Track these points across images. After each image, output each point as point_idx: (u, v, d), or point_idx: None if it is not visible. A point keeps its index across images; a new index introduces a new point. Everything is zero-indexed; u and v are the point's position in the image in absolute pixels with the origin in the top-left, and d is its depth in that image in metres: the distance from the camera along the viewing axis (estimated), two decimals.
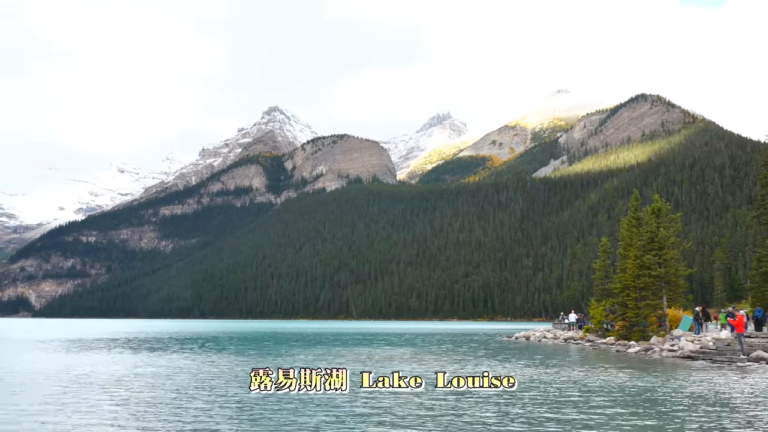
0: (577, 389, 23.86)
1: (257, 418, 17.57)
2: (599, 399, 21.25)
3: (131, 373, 29.27)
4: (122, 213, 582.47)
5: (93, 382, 25.68)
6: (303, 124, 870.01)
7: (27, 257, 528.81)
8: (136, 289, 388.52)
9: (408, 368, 32.39)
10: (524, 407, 19.32)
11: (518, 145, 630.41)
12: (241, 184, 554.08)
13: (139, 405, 19.70)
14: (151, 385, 24.69)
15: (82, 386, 24.21)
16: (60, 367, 32.18)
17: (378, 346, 54.84)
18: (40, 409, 18.67)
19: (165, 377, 27.45)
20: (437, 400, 20.63)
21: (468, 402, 20.35)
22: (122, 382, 25.77)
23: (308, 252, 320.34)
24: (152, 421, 17.07)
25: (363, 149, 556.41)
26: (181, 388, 23.78)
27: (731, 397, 21.31)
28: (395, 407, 19.41)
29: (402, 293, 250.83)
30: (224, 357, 40.11)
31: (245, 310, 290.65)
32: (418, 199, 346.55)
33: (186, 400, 20.64)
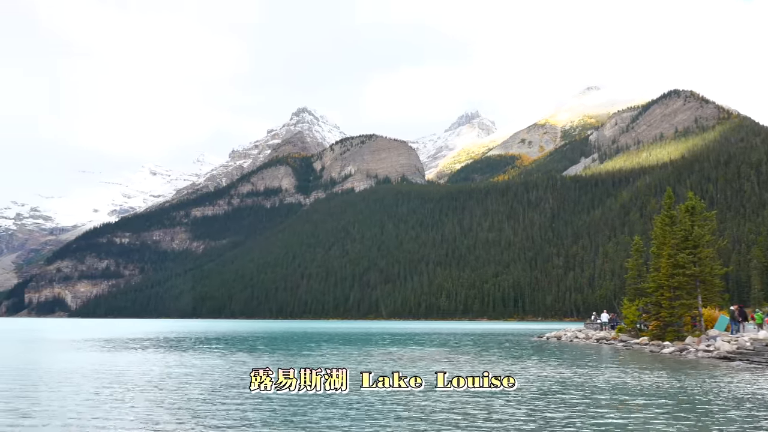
0: (611, 390, 23.51)
1: (289, 416, 17.63)
2: (634, 400, 20.91)
3: (164, 373, 29.64)
4: (154, 214, 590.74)
5: (127, 381, 26.05)
6: (331, 124, 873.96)
7: (63, 258, 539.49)
8: (168, 289, 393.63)
9: (438, 369, 32.25)
10: (558, 408, 19.08)
11: (548, 143, 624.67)
12: (271, 185, 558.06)
13: (172, 404, 19.92)
14: (184, 384, 24.95)
15: (117, 385, 24.56)
16: (95, 367, 32.72)
17: (408, 346, 54.74)
18: (76, 408, 18.99)
19: (197, 377, 27.74)
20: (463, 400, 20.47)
21: (500, 402, 20.18)
22: (155, 381, 26.10)
23: (337, 252, 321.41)
24: (186, 419, 17.24)
25: (391, 149, 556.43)
26: (212, 387, 24.00)
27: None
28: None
29: (431, 293, 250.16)
30: (254, 356, 40.39)
31: (275, 310, 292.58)
32: (447, 198, 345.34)
33: (218, 399, 20.81)
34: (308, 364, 33.58)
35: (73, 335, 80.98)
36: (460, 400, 20.51)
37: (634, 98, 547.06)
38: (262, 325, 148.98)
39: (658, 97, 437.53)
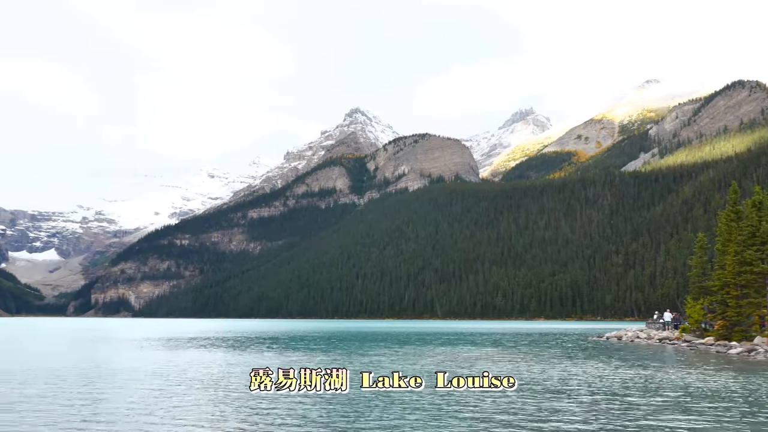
0: (677, 392, 22.86)
1: (350, 414, 17.74)
2: (701, 403, 20.28)
3: (225, 372, 30.25)
4: (213, 217, 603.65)
5: (190, 378, 26.69)
6: (384, 124, 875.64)
7: (126, 260, 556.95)
8: (227, 289, 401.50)
9: (495, 369, 31.99)
10: (622, 411, 18.65)
11: (605, 138, 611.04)
12: (325, 185, 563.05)
13: (234, 402, 20.29)
14: (245, 382, 25.38)
15: (179, 383, 25.19)
16: (159, 365, 33.66)
17: (464, 346, 54.44)
18: (140, 405, 19.56)
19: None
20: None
21: (551, 403, 19.84)
22: (216, 379, 26.66)
23: (392, 252, 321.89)
24: (250, 415, 17.53)
25: (445, 148, 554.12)
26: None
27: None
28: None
29: (487, 292, 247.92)
30: (310, 356, 40.83)
31: (331, 309, 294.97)
32: (502, 196, 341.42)
33: (277, 396, 21.08)
34: (364, 364, 33.76)
35: (138, 334, 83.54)
36: (540, 403, 20.20)
37: (695, 90, 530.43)
38: (318, 325, 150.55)
39: (722, 89, 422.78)
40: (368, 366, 32.70)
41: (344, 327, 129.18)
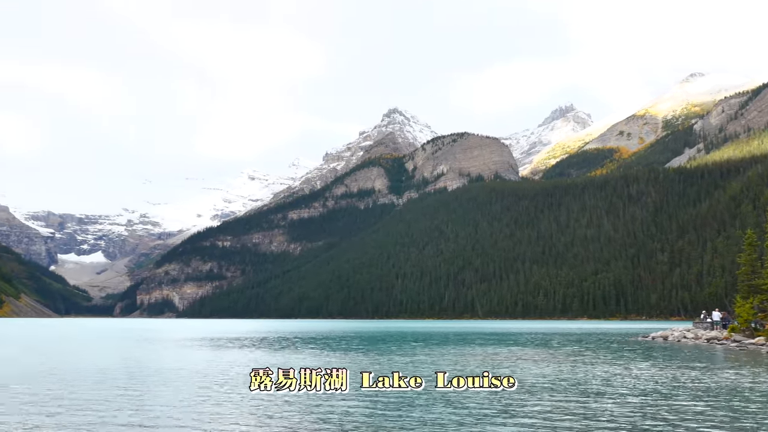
0: (726, 394, 22.19)
1: (395, 413, 17.63)
2: (750, 406, 19.64)
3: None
4: (254, 218, 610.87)
5: (233, 377, 26.95)
6: (422, 124, 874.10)
7: (170, 262, 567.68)
8: (268, 290, 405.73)
9: (537, 370, 31.55)
10: (667, 413, 18.17)
11: (648, 134, 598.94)
12: (364, 186, 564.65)
13: (276, 401, 20.38)
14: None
15: (222, 382, 25.46)
16: (203, 364, 34.11)
17: (506, 346, 53.91)
18: (184, 403, 19.81)
19: None
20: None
21: (596, 404, 19.42)
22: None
23: (432, 251, 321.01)
24: (293, 414, 17.56)
25: (483, 146, 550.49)
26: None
27: None
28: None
29: (528, 292, 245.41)
30: (353, 356, 40.88)
31: (371, 309, 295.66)
32: (542, 195, 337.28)
33: (317, 396, 21.10)
34: (406, 364, 33.66)
35: (182, 335, 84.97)
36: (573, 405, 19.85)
37: (742, 83, 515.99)
38: (359, 325, 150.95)
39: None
40: (408, 367, 32.60)
41: (384, 327, 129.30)
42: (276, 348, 51.25)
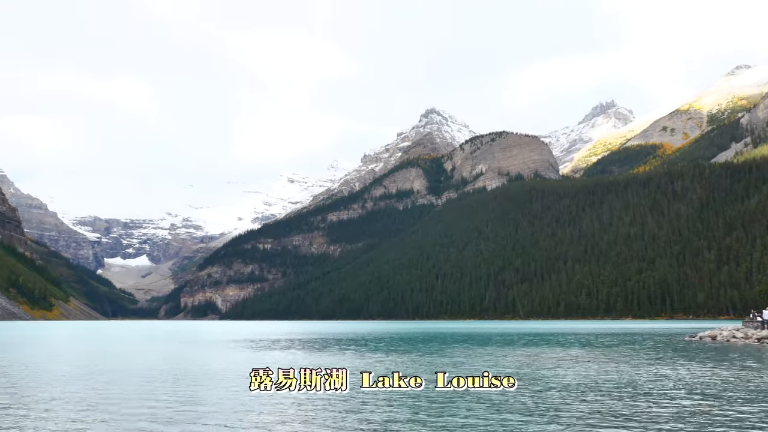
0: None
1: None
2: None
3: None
4: (293, 221, 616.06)
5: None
6: (460, 124, 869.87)
7: (213, 265, 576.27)
8: (309, 292, 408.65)
9: (582, 371, 30.93)
10: (718, 414, 17.51)
11: (692, 129, 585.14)
12: (403, 187, 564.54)
13: (319, 400, 20.29)
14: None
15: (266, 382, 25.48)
16: (246, 365, 34.24)
17: (550, 346, 53.09)
18: (228, 403, 19.86)
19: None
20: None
21: (644, 406, 18.83)
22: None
23: (471, 252, 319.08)
24: (331, 414, 17.44)
25: (522, 145, 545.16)
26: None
27: None
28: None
29: (570, 291, 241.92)
30: (394, 357, 40.71)
31: (411, 310, 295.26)
32: (584, 193, 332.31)
33: (361, 396, 20.95)
34: (446, 365, 33.34)
35: (225, 336, 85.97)
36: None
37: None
38: (399, 327, 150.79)
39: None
40: (451, 368, 32.26)
41: (425, 328, 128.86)
42: (317, 349, 51.38)
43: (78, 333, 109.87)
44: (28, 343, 70.18)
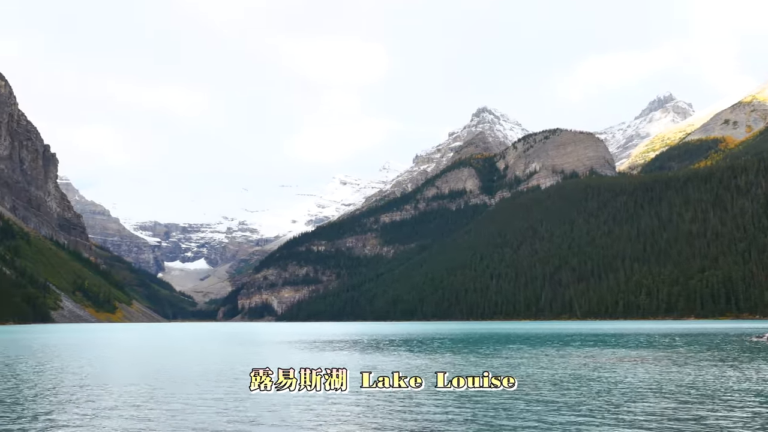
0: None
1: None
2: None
3: (368, 367, 30.36)
4: (346, 222, 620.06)
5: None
6: (513, 122, 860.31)
7: (268, 267, 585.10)
8: (363, 293, 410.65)
9: (642, 372, 30.05)
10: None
11: (756, 122, 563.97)
12: (455, 187, 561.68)
13: (377, 398, 20.25)
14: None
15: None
16: (302, 364, 34.53)
17: (608, 347, 51.89)
18: (282, 402, 20.00)
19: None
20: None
21: (711, 408, 18.09)
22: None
23: (526, 251, 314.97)
24: (393, 412, 17.37)
25: (577, 142, 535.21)
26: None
27: None
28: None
29: (629, 291, 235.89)
30: (449, 358, 40.44)
31: (466, 311, 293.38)
32: (642, 189, 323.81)
33: (419, 396, 20.81)
34: (501, 365, 32.89)
35: (280, 337, 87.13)
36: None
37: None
38: (454, 327, 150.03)
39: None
40: (506, 369, 31.81)
41: (480, 329, 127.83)
42: (367, 350, 51.45)
43: (147, 334, 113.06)
44: (101, 344, 72.57)
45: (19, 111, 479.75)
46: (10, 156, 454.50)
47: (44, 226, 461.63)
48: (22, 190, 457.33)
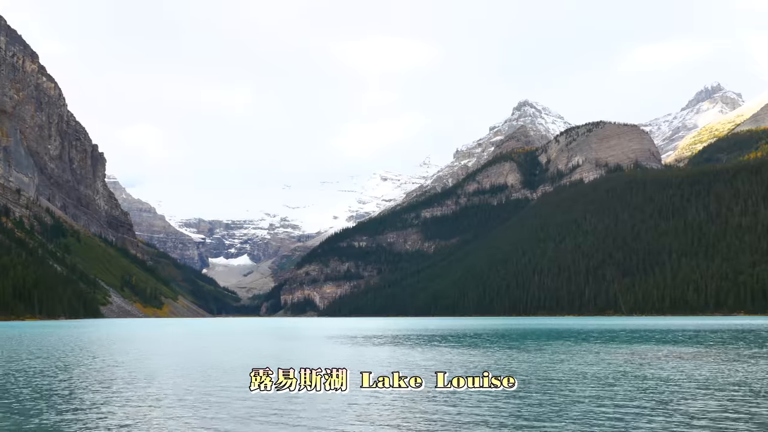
0: None
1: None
2: None
3: (413, 363, 30.55)
4: (387, 218, 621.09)
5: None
6: (555, 115, 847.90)
7: (310, 263, 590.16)
8: (404, 288, 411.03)
9: (690, 367, 29.45)
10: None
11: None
12: (496, 182, 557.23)
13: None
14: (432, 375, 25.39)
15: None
16: (349, 359, 34.87)
17: (654, 344, 50.98)
18: (321, 399, 20.24)
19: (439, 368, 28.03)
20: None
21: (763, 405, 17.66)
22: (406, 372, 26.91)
23: (569, 246, 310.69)
24: (436, 408, 17.42)
25: (621, 135, 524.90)
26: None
27: None
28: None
29: (676, 286, 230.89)
30: (487, 352, 40.27)
31: (508, 307, 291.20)
32: (689, 182, 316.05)
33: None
34: (541, 362, 32.64)
35: (325, 332, 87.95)
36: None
37: None
38: (496, 323, 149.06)
39: None
40: (548, 364, 31.55)
41: (522, 324, 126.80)
42: (406, 345, 51.52)
43: (197, 329, 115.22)
44: (148, 339, 74.33)
45: (68, 112, 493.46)
46: (60, 156, 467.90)
47: (93, 223, 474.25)
48: (72, 189, 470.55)
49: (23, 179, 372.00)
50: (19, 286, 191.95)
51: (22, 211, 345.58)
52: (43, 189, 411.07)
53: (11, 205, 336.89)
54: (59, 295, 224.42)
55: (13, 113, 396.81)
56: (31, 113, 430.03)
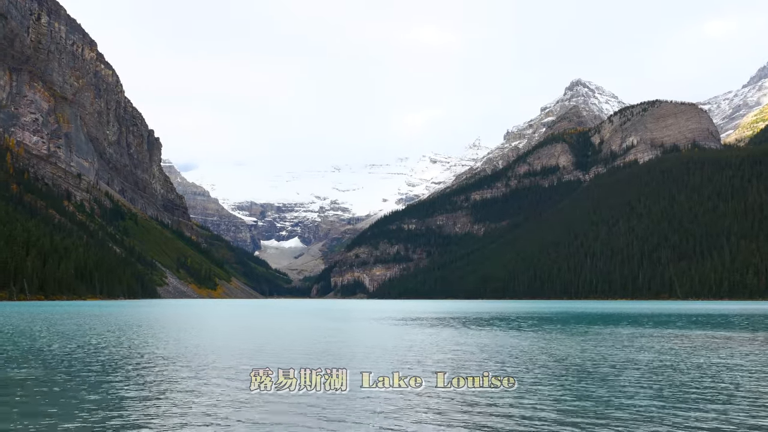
0: None
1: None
2: None
3: (448, 347, 30.88)
4: (437, 201, 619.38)
5: (425, 356, 27.68)
6: (608, 94, 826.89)
7: (360, 245, 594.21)
8: (453, 271, 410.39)
9: (738, 355, 28.97)
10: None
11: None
12: (548, 163, 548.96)
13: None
14: (463, 361, 25.70)
15: (415, 361, 26.23)
16: (397, 341, 35.44)
17: (710, 329, 49.99)
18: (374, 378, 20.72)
19: (486, 355, 28.34)
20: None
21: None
22: (450, 356, 27.34)
23: (623, 229, 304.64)
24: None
25: (678, 114, 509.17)
26: (507, 364, 24.31)
27: None
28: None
29: (735, 269, 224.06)
30: (542, 335, 40.18)
31: (559, 290, 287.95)
32: (750, 162, 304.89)
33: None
34: (584, 349, 32.49)
35: (376, 314, 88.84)
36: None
37: None
38: (547, 306, 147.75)
39: None
40: (597, 349, 31.43)
41: (574, 307, 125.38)
42: (455, 327, 51.72)
43: (252, 309, 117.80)
44: (217, 315, 76.50)
45: (126, 98, 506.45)
46: (118, 141, 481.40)
47: (150, 207, 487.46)
48: (130, 173, 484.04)
49: (83, 164, 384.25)
50: (81, 267, 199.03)
51: (82, 195, 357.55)
52: (102, 173, 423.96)
53: (72, 189, 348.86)
54: (119, 276, 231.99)
55: (74, 100, 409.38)
56: (91, 100, 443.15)
